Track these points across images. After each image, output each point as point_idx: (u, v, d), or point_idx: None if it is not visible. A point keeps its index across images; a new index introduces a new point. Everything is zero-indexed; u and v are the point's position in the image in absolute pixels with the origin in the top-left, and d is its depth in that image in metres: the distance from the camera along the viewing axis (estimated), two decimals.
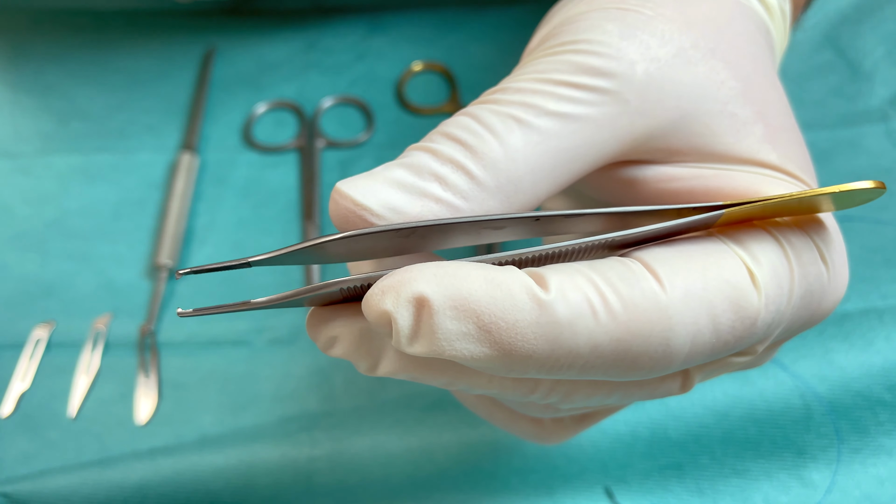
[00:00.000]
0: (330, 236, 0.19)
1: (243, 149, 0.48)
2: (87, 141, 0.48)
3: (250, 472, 0.35)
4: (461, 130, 0.21)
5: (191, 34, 0.54)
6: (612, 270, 0.20)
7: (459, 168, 0.21)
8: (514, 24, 0.54)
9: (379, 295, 0.18)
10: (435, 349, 0.18)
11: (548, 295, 0.18)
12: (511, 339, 0.18)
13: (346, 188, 0.20)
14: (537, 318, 0.18)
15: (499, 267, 0.19)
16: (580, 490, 0.35)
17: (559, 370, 0.19)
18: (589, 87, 0.22)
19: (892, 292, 0.40)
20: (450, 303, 0.18)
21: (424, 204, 0.20)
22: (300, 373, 0.39)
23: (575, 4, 0.26)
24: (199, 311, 0.19)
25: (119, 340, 0.40)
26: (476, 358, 0.19)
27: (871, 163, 0.46)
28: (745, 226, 0.22)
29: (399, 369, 0.21)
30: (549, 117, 0.21)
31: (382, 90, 0.51)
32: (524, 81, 0.22)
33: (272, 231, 0.45)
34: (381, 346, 0.21)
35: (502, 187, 0.21)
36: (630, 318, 0.19)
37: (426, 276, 0.18)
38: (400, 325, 0.18)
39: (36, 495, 0.34)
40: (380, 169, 0.21)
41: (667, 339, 0.19)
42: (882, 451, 0.36)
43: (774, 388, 0.37)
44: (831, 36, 0.53)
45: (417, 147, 0.21)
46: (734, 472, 0.35)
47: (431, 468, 0.35)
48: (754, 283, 0.20)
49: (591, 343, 0.19)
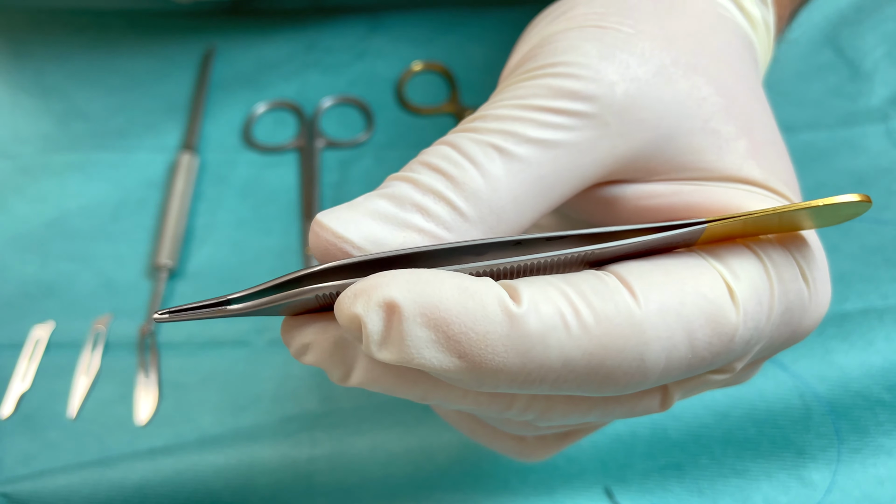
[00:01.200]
0: (308, 269, 0.19)
1: (243, 149, 0.48)
2: (86, 141, 0.48)
3: (250, 472, 0.35)
4: (441, 160, 0.21)
5: (190, 34, 0.54)
6: (586, 283, 0.19)
7: (441, 199, 0.20)
8: (513, 25, 0.54)
9: (351, 298, 0.18)
10: (403, 357, 0.18)
11: (520, 308, 0.18)
12: (480, 351, 0.18)
13: (327, 220, 0.20)
14: (508, 330, 0.18)
15: (474, 277, 0.19)
16: (580, 490, 0.35)
17: (531, 384, 0.19)
18: (569, 111, 0.22)
19: (892, 292, 0.40)
20: (420, 309, 0.18)
21: (406, 235, 0.20)
22: (300, 373, 0.39)
23: (552, 22, 0.25)
24: (174, 316, 0.19)
25: (119, 341, 0.40)
26: (445, 368, 0.18)
27: (870, 163, 0.46)
28: (726, 243, 0.22)
29: (371, 380, 0.21)
30: (529, 145, 0.21)
31: (382, 90, 0.51)
32: (503, 108, 0.22)
33: (272, 231, 0.45)
34: (354, 356, 0.21)
35: (485, 218, 0.21)
36: (603, 332, 0.19)
37: (399, 281, 0.18)
38: (370, 329, 0.18)
39: (36, 495, 0.34)
40: (361, 199, 0.20)
41: (641, 354, 0.19)
42: (882, 451, 0.36)
43: (774, 388, 0.37)
44: (831, 36, 0.53)
45: (398, 177, 0.21)
46: (734, 472, 0.35)
47: (431, 468, 0.35)
48: (733, 298, 0.20)
49: (562, 357, 0.19)
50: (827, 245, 0.44)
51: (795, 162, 0.49)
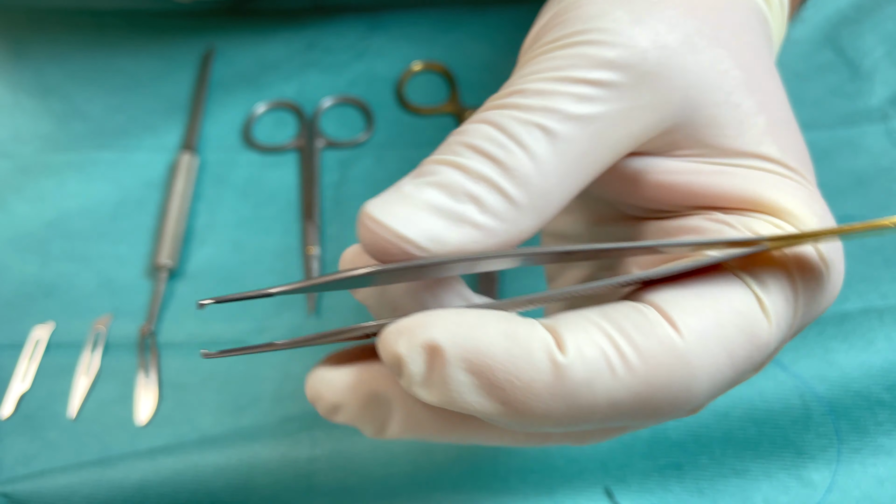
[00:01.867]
0: (366, 269, 0.19)
1: (243, 149, 0.48)
2: (86, 141, 0.48)
3: (250, 472, 0.35)
4: (487, 142, 0.20)
5: (191, 34, 0.54)
6: (627, 319, 0.19)
7: (493, 187, 0.19)
8: (513, 24, 0.54)
9: (394, 335, 0.18)
10: (445, 399, 0.18)
11: (566, 357, 0.18)
12: (525, 399, 0.18)
13: (382, 216, 0.18)
14: (553, 379, 0.18)
15: (520, 319, 0.18)
16: (580, 490, 0.35)
17: (575, 425, 0.19)
18: (606, 82, 0.21)
19: (892, 292, 0.40)
20: (463, 354, 0.18)
21: (463, 231, 0.19)
22: (300, 373, 0.39)
23: None
24: (224, 352, 0.19)
25: (119, 341, 0.40)
26: (488, 413, 0.18)
27: (870, 162, 0.46)
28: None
29: (407, 432, 0.20)
30: (571, 122, 0.20)
31: (382, 90, 0.51)
32: (542, 82, 0.21)
33: (272, 231, 0.45)
34: (388, 411, 0.20)
35: (535, 204, 0.20)
36: (649, 371, 0.18)
37: (444, 323, 0.18)
38: (412, 370, 0.18)
39: (36, 495, 0.34)
40: (409, 189, 0.19)
41: (688, 385, 0.19)
42: (882, 451, 0.36)
43: (774, 388, 0.37)
44: (831, 35, 0.53)
45: (442, 161, 0.20)
46: (734, 472, 0.36)
47: (431, 468, 0.35)
48: (763, 310, 0.20)
49: (609, 399, 0.18)
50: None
51: None
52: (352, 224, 0.45)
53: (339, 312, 0.41)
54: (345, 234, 0.44)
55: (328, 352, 0.22)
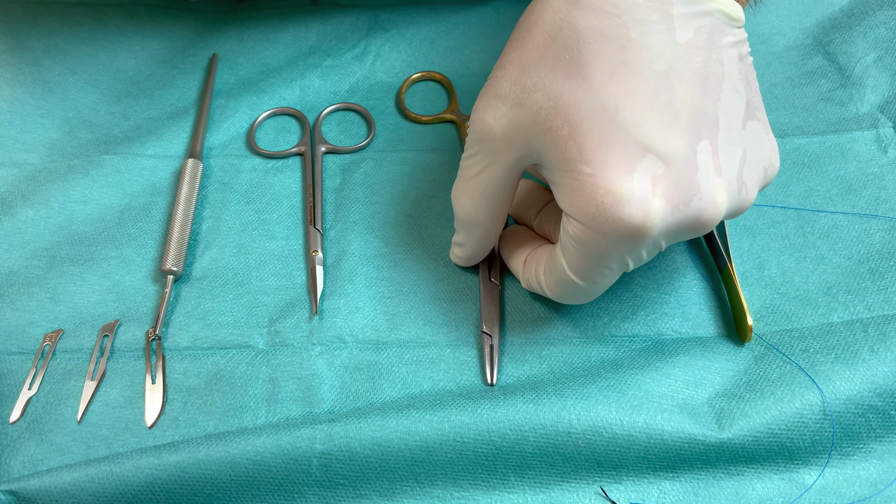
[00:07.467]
0: None
1: (247, 154, 0.49)
2: (92, 147, 0.49)
3: (251, 472, 0.35)
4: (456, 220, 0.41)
5: (193, 39, 0.54)
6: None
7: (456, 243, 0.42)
8: (513, 23, 0.55)
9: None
10: None
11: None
12: None
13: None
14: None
15: None
16: (576, 490, 0.36)
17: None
18: (478, 154, 0.36)
19: (877, 304, 0.40)
20: None
21: (459, 255, 0.43)
22: (301, 373, 0.39)
23: None
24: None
25: (126, 346, 0.41)
26: None
27: (860, 169, 0.46)
28: None
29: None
30: (469, 178, 0.37)
31: (383, 93, 0.52)
32: (462, 161, 0.38)
33: (276, 235, 0.45)
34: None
35: (474, 233, 0.40)
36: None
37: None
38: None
39: (44, 492, 0.34)
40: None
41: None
42: (873, 455, 0.37)
43: (770, 392, 0.37)
44: (822, 41, 0.53)
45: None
46: (727, 474, 0.36)
47: (430, 465, 0.36)
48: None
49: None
50: (814, 256, 0.44)
51: (786, 167, 0.49)
52: (353, 227, 0.45)
53: (342, 315, 0.42)
54: (346, 238, 0.45)
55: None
